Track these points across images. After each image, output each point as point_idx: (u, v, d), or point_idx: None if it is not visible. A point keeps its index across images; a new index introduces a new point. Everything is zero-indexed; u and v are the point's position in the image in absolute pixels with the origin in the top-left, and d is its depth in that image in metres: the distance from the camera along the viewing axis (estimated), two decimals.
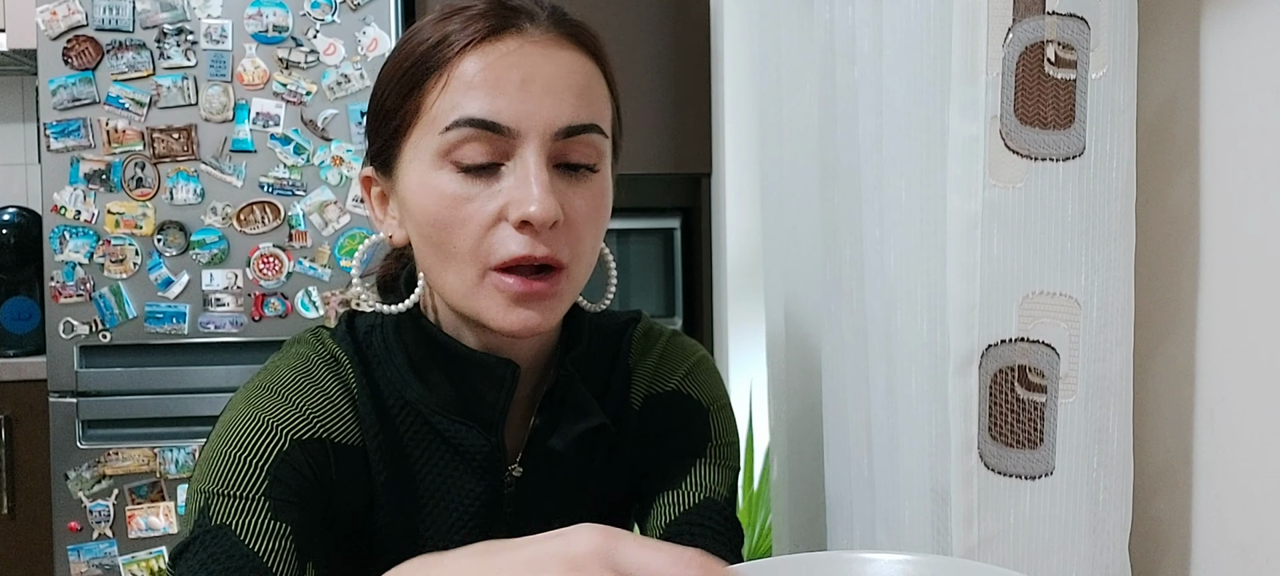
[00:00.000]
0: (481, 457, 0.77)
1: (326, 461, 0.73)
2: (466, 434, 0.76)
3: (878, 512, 1.11)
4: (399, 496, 0.76)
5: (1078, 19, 0.70)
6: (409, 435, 0.76)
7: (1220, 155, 0.71)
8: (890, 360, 1.00)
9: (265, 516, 0.68)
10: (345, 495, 0.75)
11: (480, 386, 0.75)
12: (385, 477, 0.75)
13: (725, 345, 2.32)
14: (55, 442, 2.13)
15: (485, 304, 0.70)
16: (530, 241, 0.69)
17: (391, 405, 0.76)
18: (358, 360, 0.77)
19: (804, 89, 1.32)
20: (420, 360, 0.76)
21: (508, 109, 0.69)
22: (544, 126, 0.69)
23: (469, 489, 0.77)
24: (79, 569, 2.13)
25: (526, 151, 0.69)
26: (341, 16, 2.13)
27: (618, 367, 0.86)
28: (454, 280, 0.71)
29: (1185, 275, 0.75)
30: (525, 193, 0.68)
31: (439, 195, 0.70)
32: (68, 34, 2.09)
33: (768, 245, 1.55)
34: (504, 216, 0.69)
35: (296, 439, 0.72)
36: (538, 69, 0.70)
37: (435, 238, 0.71)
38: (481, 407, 0.75)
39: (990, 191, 0.73)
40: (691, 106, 2.40)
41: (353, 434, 0.75)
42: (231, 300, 2.14)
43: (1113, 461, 0.73)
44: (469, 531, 0.78)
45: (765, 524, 1.94)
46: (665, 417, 0.87)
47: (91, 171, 2.11)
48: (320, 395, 0.75)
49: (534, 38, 0.71)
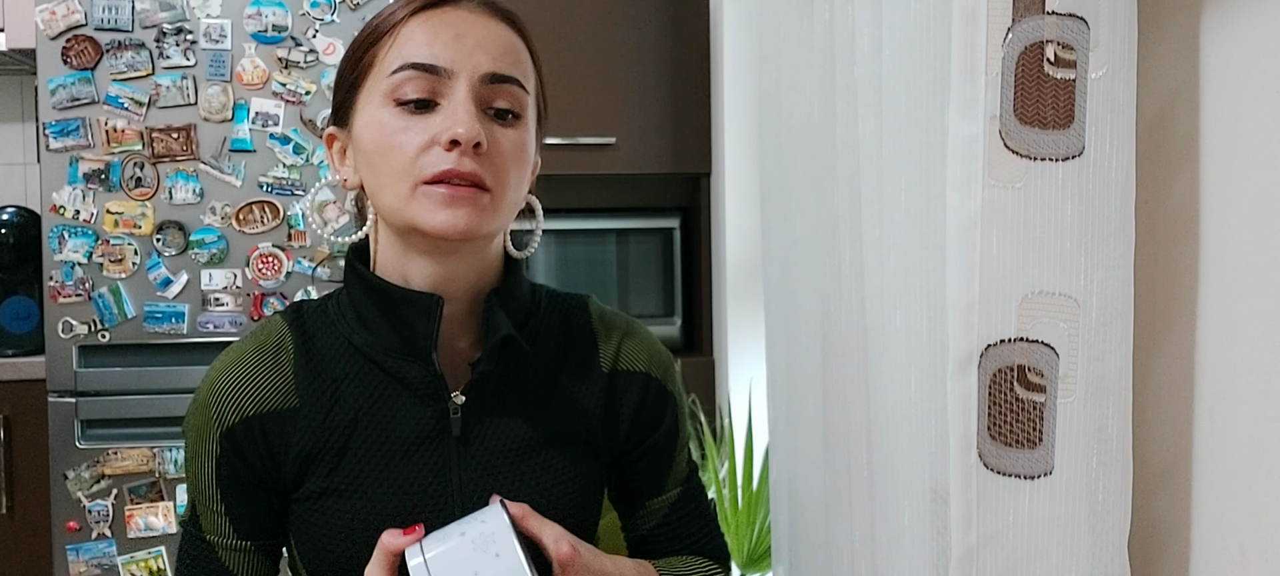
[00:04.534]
0: (423, 386, 0.87)
1: (261, 429, 0.87)
2: (407, 367, 0.87)
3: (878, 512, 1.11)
4: (346, 430, 0.88)
5: (1077, 19, 0.70)
6: (355, 377, 0.89)
7: (1220, 155, 0.71)
8: (890, 360, 1.00)
9: (231, 536, 0.89)
10: (290, 445, 0.88)
11: (412, 319, 0.86)
12: (324, 417, 0.88)
13: (725, 345, 2.32)
14: (54, 442, 2.12)
15: (417, 210, 0.82)
16: (457, 158, 0.81)
17: (337, 358, 0.90)
18: (298, 330, 0.91)
19: (804, 89, 1.32)
20: (364, 308, 0.89)
21: (444, 54, 0.83)
22: (473, 69, 0.83)
23: (416, 416, 0.88)
24: (78, 568, 2.13)
25: (458, 88, 0.83)
26: (341, 16, 2.13)
27: (578, 334, 0.96)
28: (390, 197, 0.84)
29: (1185, 275, 0.75)
30: (454, 118, 0.82)
31: (381, 127, 0.84)
32: (67, 33, 2.09)
33: (767, 245, 1.54)
34: (436, 142, 0.82)
35: (226, 428, 0.87)
36: (470, 29, 0.85)
37: (376, 160, 0.84)
38: (416, 339, 0.86)
39: (990, 191, 0.73)
40: (691, 106, 2.40)
41: (282, 398, 0.88)
42: (230, 300, 2.14)
43: (1112, 461, 0.73)
44: (421, 452, 0.88)
45: (765, 523, 1.94)
46: (640, 402, 0.96)
47: (91, 171, 2.11)
48: (248, 378, 0.89)
49: (468, 8, 0.86)
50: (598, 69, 2.33)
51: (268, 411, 0.87)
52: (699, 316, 2.52)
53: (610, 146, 2.36)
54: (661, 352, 1.00)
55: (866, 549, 1.17)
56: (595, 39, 2.34)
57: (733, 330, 2.28)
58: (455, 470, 0.87)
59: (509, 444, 0.89)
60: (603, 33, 2.35)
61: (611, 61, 2.36)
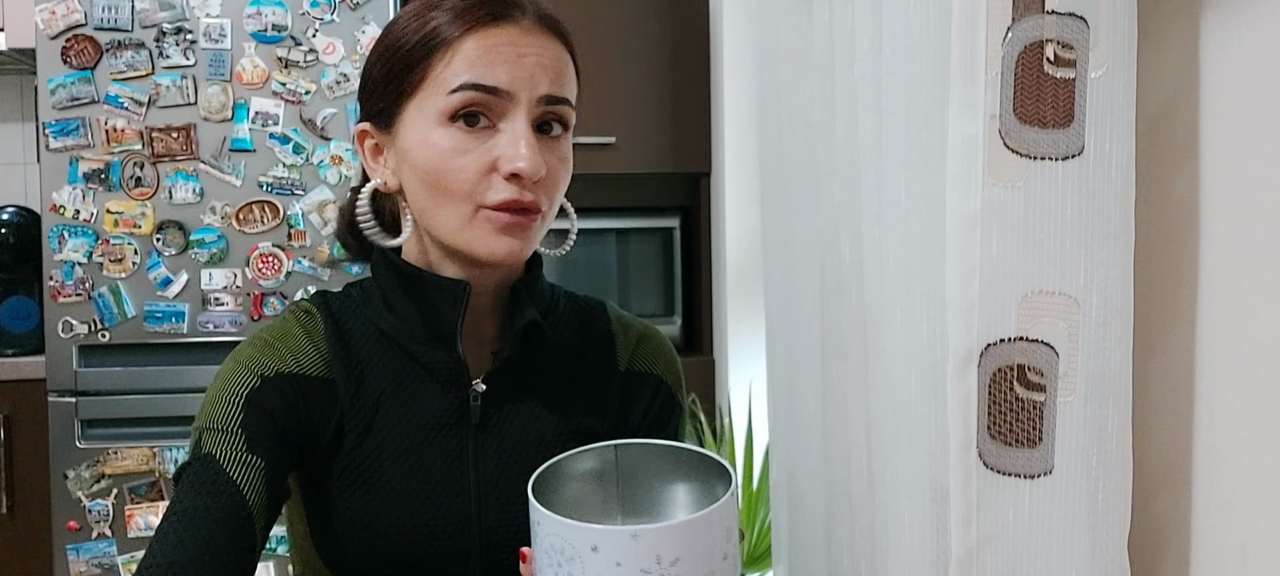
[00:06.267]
0: (445, 371, 0.89)
1: (296, 390, 0.88)
2: (431, 353, 0.89)
3: (878, 512, 1.11)
4: (371, 409, 0.89)
5: (1077, 18, 0.70)
6: (380, 360, 0.91)
7: (1220, 154, 0.71)
8: (890, 360, 1.00)
9: (241, 447, 0.84)
10: (318, 415, 0.88)
11: (438, 304, 0.88)
12: (353, 393, 0.89)
13: (725, 345, 2.32)
14: (54, 442, 2.12)
15: (475, 234, 0.84)
16: (518, 189, 0.83)
17: (363, 340, 0.91)
18: (325, 311, 0.93)
19: (804, 88, 1.32)
20: (392, 294, 0.91)
21: (505, 75, 0.83)
22: (532, 91, 0.84)
23: (438, 400, 0.90)
24: (78, 568, 2.13)
25: (518, 113, 0.83)
26: (340, 16, 2.13)
27: (596, 332, 0.99)
28: (448, 217, 0.85)
29: (1185, 274, 0.75)
30: (515, 150, 0.82)
31: (439, 147, 0.84)
32: (67, 33, 2.09)
33: (768, 244, 1.54)
34: (496, 167, 0.83)
35: (266, 376, 0.87)
36: (528, 49, 0.85)
37: (433, 181, 0.84)
38: (442, 324, 0.89)
39: (989, 190, 0.73)
40: (691, 106, 2.40)
41: (320, 367, 0.89)
42: (230, 299, 2.14)
43: (1112, 460, 0.73)
44: (441, 437, 0.89)
45: (765, 523, 1.94)
46: (649, 405, 0.99)
47: (90, 171, 2.11)
48: (289, 338, 0.90)
49: (524, 26, 0.86)
50: (598, 69, 2.33)
51: (305, 375, 0.88)
52: (699, 316, 2.52)
53: (610, 146, 2.36)
54: (675, 361, 1.02)
55: (866, 549, 1.17)
56: (595, 39, 2.34)
57: (733, 330, 2.28)
58: (472, 456, 0.89)
59: (526, 434, 0.91)
60: (603, 33, 2.35)
61: (611, 61, 2.36)
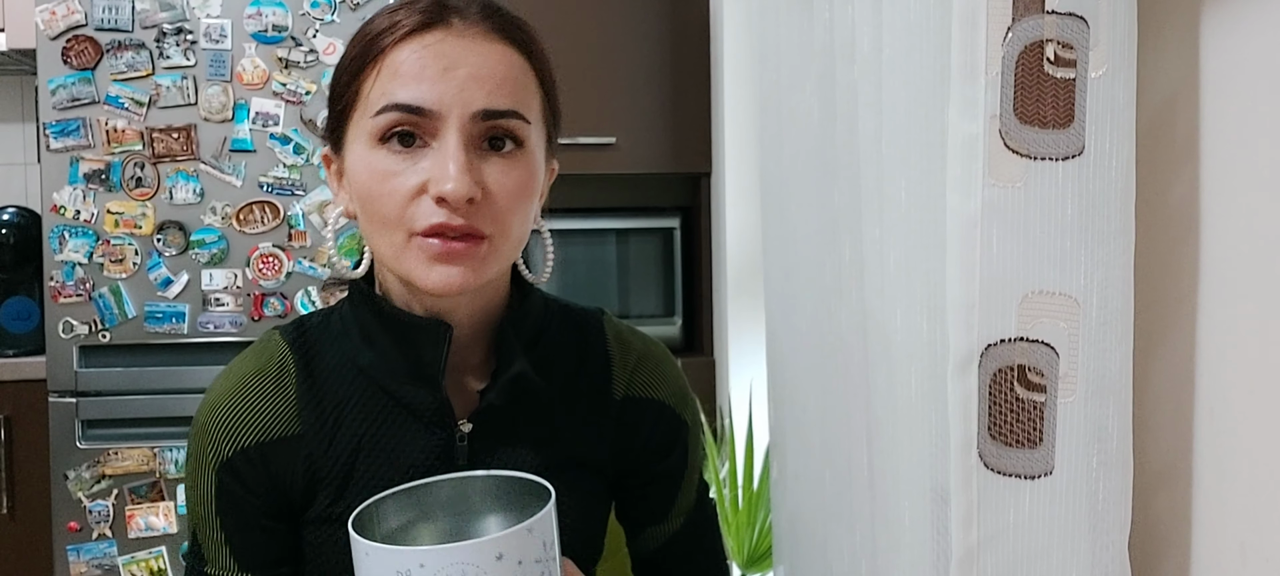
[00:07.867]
0: (429, 413, 0.84)
1: (264, 458, 0.84)
2: (413, 393, 0.83)
3: (878, 512, 1.11)
4: (349, 459, 0.84)
5: (1077, 18, 0.70)
6: (359, 401, 0.85)
7: (1220, 154, 0.71)
8: (890, 360, 1.00)
9: (231, 561, 0.85)
10: (288, 475, 0.84)
11: (420, 345, 0.82)
12: (327, 445, 0.84)
13: (725, 345, 2.32)
14: (55, 442, 2.13)
15: (410, 264, 0.77)
16: (448, 213, 0.76)
17: (340, 380, 0.85)
18: (300, 351, 0.87)
19: (804, 88, 1.32)
20: (370, 330, 0.84)
21: (430, 93, 0.76)
22: (463, 107, 0.76)
23: (422, 442, 0.84)
24: (78, 569, 2.13)
25: (447, 132, 0.76)
26: (341, 16, 2.13)
27: (592, 354, 0.92)
28: (384, 244, 0.79)
29: (1185, 274, 0.75)
30: (442, 171, 0.75)
31: (371, 170, 0.78)
32: (67, 34, 2.09)
33: (768, 245, 1.54)
34: (425, 190, 0.76)
35: (231, 459, 0.83)
36: (461, 58, 0.77)
37: (368, 207, 0.79)
38: (423, 366, 0.83)
39: (990, 190, 0.73)
40: (691, 106, 2.40)
41: (290, 424, 0.84)
42: (231, 300, 2.14)
43: (1112, 460, 0.73)
44: None
45: (765, 524, 1.94)
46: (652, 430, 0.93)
47: (91, 171, 2.11)
48: (248, 405, 0.85)
49: (460, 30, 0.78)
50: (598, 69, 2.33)
51: (270, 440, 0.84)
52: (699, 316, 2.52)
53: (610, 146, 2.36)
54: (677, 378, 0.96)
55: (866, 549, 1.17)
56: (595, 39, 2.34)
57: (733, 330, 2.28)
58: None
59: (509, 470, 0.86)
60: (603, 33, 2.35)
61: (611, 61, 2.36)
